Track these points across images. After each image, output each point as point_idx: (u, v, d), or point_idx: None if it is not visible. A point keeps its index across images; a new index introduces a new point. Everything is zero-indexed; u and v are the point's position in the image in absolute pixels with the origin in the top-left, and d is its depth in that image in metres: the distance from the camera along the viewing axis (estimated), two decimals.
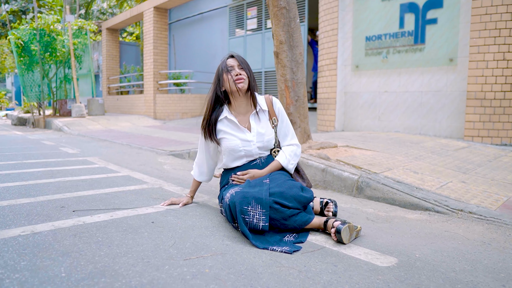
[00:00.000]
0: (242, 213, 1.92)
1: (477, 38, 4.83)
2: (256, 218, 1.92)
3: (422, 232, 2.20)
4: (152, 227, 2.09)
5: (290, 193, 2.03)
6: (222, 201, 2.21)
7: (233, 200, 1.97)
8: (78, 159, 4.72)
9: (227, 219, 2.17)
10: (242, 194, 1.98)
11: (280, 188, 2.06)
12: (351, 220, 2.42)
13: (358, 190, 2.92)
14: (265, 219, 1.92)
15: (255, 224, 1.91)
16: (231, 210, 2.00)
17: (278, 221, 1.97)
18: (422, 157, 3.76)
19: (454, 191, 2.77)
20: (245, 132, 2.36)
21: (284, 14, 3.53)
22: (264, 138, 2.38)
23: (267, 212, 1.93)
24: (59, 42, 11.33)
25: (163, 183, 3.31)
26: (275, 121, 2.46)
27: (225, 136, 2.36)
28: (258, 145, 2.36)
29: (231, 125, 2.38)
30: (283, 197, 2.00)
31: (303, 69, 3.68)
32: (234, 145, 2.33)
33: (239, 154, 2.35)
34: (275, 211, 1.96)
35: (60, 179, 3.35)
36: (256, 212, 1.92)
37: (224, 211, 2.15)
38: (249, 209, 1.93)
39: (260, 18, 10.34)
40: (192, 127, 9.37)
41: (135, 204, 2.56)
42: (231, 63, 2.34)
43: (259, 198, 1.95)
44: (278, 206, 1.96)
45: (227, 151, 2.37)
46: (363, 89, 6.23)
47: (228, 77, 2.31)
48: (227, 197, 2.04)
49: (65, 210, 2.37)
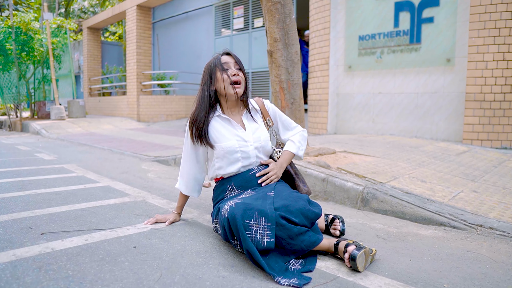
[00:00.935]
0: (245, 228, 1.64)
1: (476, 37, 4.64)
2: (259, 234, 1.63)
3: (442, 252, 1.94)
4: (134, 253, 1.78)
5: (297, 206, 1.76)
6: (218, 216, 1.91)
7: (233, 213, 1.68)
8: (54, 166, 4.34)
9: (223, 237, 1.88)
10: (243, 205, 1.69)
11: (285, 200, 1.80)
12: (359, 238, 2.16)
13: (363, 202, 2.66)
14: (270, 234, 1.64)
15: (259, 240, 1.62)
16: (230, 225, 1.71)
17: (283, 240, 1.69)
18: (425, 163, 3.53)
19: (468, 202, 2.54)
20: (240, 131, 2.08)
21: (279, 10, 3.26)
22: (261, 138, 2.11)
23: (273, 226, 1.65)
24: (37, 41, 10.81)
25: (146, 195, 2.99)
26: (269, 121, 2.22)
27: (219, 137, 2.06)
28: (256, 145, 2.08)
29: (224, 124, 2.10)
30: (288, 211, 1.73)
31: (299, 69, 3.41)
32: (230, 146, 2.04)
33: (235, 156, 2.05)
34: (281, 227, 1.68)
35: (30, 192, 3.00)
36: (259, 227, 1.64)
37: (221, 227, 1.85)
38: (251, 223, 1.64)
39: (247, 17, 10.05)
40: (177, 130, 9.02)
41: (114, 223, 2.24)
42: (226, 59, 2.06)
43: (264, 210, 1.67)
44: (284, 222, 1.69)
45: (221, 154, 2.06)
46: (357, 90, 6.01)
47: (224, 76, 2.02)
48: (225, 210, 1.75)
49: (32, 233, 2.03)
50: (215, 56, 2.08)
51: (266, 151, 2.15)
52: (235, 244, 1.78)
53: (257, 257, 1.59)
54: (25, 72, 11.44)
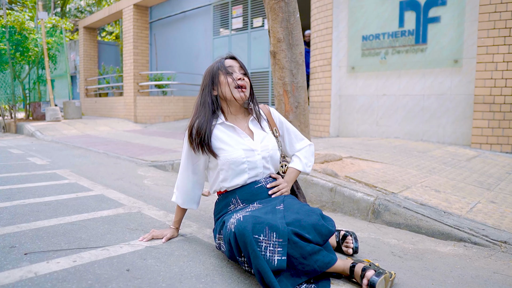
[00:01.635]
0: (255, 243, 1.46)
1: (485, 37, 4.48)
2: (269, 251, 1.45)
3: (467, 274, 1.77)
4: (126, 278, 1.59)
5: (310, 221, 1.59)
6: (223, 230, 1.72)
7: (242, 227, 1.49)
8: (46, 172, 4.15)
9: (228, 255, 1.69)
10: (253, 219, 1.52)
11: (297, 214, 1.63)
12: (373, 255, 1.98)
13: (374, 214, 2.48)
14: (282, 252, 1.46)
15: (269, 258, 1.44)
16: (237, 241, 1.53)
17: (295, 260, 1.50)
18: (436, 170, 3.36)
19: (488, 215, 2.36)
20: (246, 140, 1.90)
21: (283, 8, 3.07)
22: (269, 146, 1.93)
23: (284, 243, 1.47)
24: (32, 41, 10.59)
25: (142, 206, 2.80)
26: (276, 132, 2.04)
27: (223, 147, 1.87)
28: (263, 155, 1.90)
29: (229, 132, 1.91)
30: (301, 227, 1.55)
31: (303, 71, 3.23)
32: (236, 156, 1.85)
33: (241, 167, 1.86)
34: (293, 245, 1.50)
35: (18, 202, 2.80)
36: (270, 243, 1.46)
37: (226, 243, 1.66)
38: (261, 238, 1.46)
39: (246, 16, 9.87)
40: (175, 131, 8.82)
41: (106, 240, 2.05)
42: (231, 63, 1.88)
43: (275, 225, 1.50)
44: (297, 239, 1.51)
45: (226, 165, 1.86)
46: (360, 92, 5.83)
47: (228, 80, 1.85)
48: (231, 223, 1.56)
49: (14, 253, 1.84)
50: (218, 60, 1.91)
51: (274, 162, 1.96)
52: (241, 261, 1.60)
53: (269, 277, 1.41)
54: (19, 72, 11.22)
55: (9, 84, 10.93)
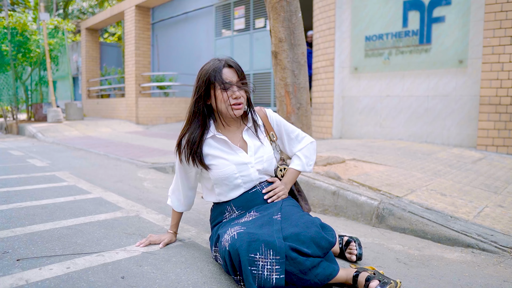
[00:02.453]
0: (250, 264, 1.39)
1: (491, 37, 4.40)
2: (267, 270, 1.39)
3: (476, 283, 1.69)
4: (121, 286, 1.53)
5: (309, 234, 1.50)
6: (218, 245, 1.64)
7: (236, 246, 1.43)
8: (45, 174, 4.10)
9: (224, 269, 1.62)
10: (248, 236, 1.44)
11: (295, 228, 1.54)
12: (378, 262, 1.91)
13: (378, 218, 2.41)
14: (279, 270, 1.39)
15: (266, 278, 1.38)
16: (232, 259, 1.46)
17: (294, 276, 1.43)
18: (441, 173, 3.28)
19: (496, 220, 2.29)
20: (239, 153, 1.81)
21: (284, 7, 3.01)
22: (263, 157, 1.84)
23: (282, 260, 1.40)
24: (33, 42, 10.58)
25: (141, 209, 2.74)
26: (273, 136, 1.95)
27: (214, 162, 1.79)
28: (258, 168, 1.82)
29: (220, 146, 1.81)
30: (300, 241, 1.47)
31: (305, 72, 3.17)
32: (229, 173, 1.77)
33: (235, 182, 1.79)
34: (291, 261, 1.42)
35: (14, 206, 2.75)
36: (267, 261, 1.39)
37: (221, 259, 1.60)
38: (257, 257, 1.40)
39: (248, 17, 9.81)
40: (176, 133, 8.77)
41: (102, 245, 1.99)
42: (229, 76, 1.73)
43: (271, 242, 1.42)
44: (295, 254, 1.43)
45: (219, 181, 1.80)
46: (363, 93, 5.76)
47: (223, 96, 1.72)
48: (225, 240, 1.50)
49: (6, 258, 1.78)
50: (216, 66, 1.74)
51: (268, 172, 1.90)
52: (237, 280, 1.54)
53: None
54: (21, 73, 11.21)
55: (11, 85, 10.92)
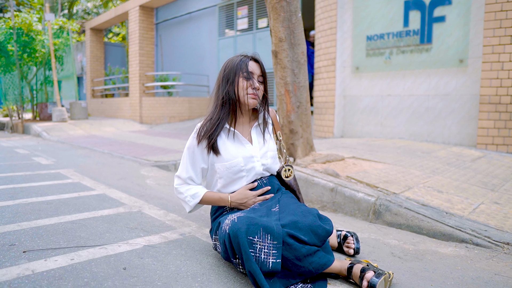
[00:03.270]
0: (248, 245, 1.45)
1: (491, 37, 4.42)
2: (264, 253, 1.45)
3: (467, 276, 1.74)
4: (122, 277, 1.59)
5: (306, 222, 1.57)
6: (218, 231, 1.71)
7: (236, 228, 1.48)
8: (50, 172, 4.17)
9: (223, 256, 1.69)
10: (247, 220, 1.50)
11: (293, 216, 1.61)
12: (373, 256, 1.96)
13: (375, 214, 2.45)
14: (276, 254, 1.45)
15: (263, 261, 1.44)
16: (231, 242, 1.52)
17: (289, 261, 1.50)
18: (440, 171, 3.32)
19: (491, 216, 2.33)
20: (247, 146, 1.88)
21: (284, 7, 3.06)
22: (268, 154, 1.92)
23: (279, 245, 1.46)
24: (39, 42, 10.69)
25: (143, 205, 2.80)
26: (279, 135, 2.06)
27: (223, 153, 1.85)
28: (263, 162, 1.89)
29: (231, 138, 1.88)
30: (297, 228, 1.54)
31: (305, 71, 3.22)
32: (236, 164, 1.83)
33: (239, 175, 1.86)
34: (288, 247, 1.49)
35: (21, 201, 2.82)
36: (264, 245, 1.45)
37: (221, 244, 1.66)
38: (255, 240, 1.45)
39: (251, 17, 9.87)
40: (180, 132, 8.85)
41: (105, 239, 2.05)
42: (253, 68, 1.85)
43: (269, 227, 1.49)
44: (292, 241, 1.50)
45: (225, 173, 1.86)
46: (364, 93, 5.80)
47: (244, 84, 1.82)
48: (226, 224, 1.56)
49: (13, 250, 1.85)
50: (243, 58, 1.85)
51: (271, 170, 1.96)
52: (236, 263, 1.60)
53: (261, 280, 1.41)
54: (27, 73, 11.33)
55: (16, 85, 11.04)
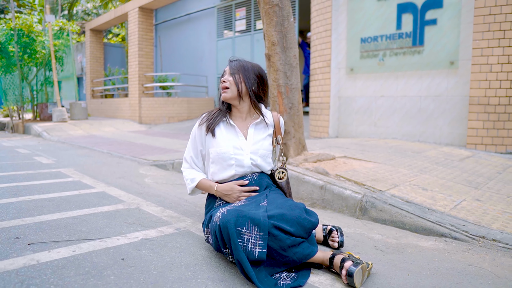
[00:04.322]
0: (237, 235, 1.59)
1: (480, 40, 4.55)
2: (251, 243, 1.58)
3: (442, 267, 1.86)
4: (121, 266, 1.71)
5: (292, 215, 1.71)
6: (210, 224, 1.85)
7: (225, 220, 1.62)
8: (51, 171, 4.30)
9: (215, 247, 1.82)
10: (236, 212, 1.64)
11: (280, 209, 1.74)
12: (357, 249, 2.09)
13: (362, 211, 2.58)
14: (262, 245, 1.59)
15: (250, 250, 1.57)
16: (221, 233, 1.65)
17: (274, 251, 1.63)
18: (427, 170, 3.45)
19: (471, 212, 2.46)
20: (240, 138, 2.06)
21: (277, 12, 3.19)
22: (259, 151, 2.07)
23: (265, 236, 1.59)
24: (39, 43, 10.81)
25: (141, 202, 2.93)
26: (279, 139, 2.20)
27: (218, 138, 2.06)
28: (252, 157, 2.04)
29: (228, 129, 2.10)
30: (284, 220, 1.67)
31: (297, 73, 3.34)
32: (225, 152, 2.03)
33: (229, 162, 2.03)
34: (273, 238, 1.62)
35: (23, 198, 2.95)
36: (251, 236, 1.59)
37: (212, 236, 1.79)
38: (243, 231, 1.59)
39: (249, 19, 10.00)
40: (178, 132, 8.97)
41: (105, 233, 2.18)
42: (225, 69, 2.12)
43: (257, 219, 1.62)
44: (278, 232, 1.63)
45: (216, 158, 2.05)
46: (359, 94, 5.92)
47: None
48: (217, 217, 1.69)
49: (19, 243, 1.98)
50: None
51: (261, 168, 2.10)
52: (226, 253, 1.73)
53: (247, 268, 1.54)
54: (27, 74, 11.44)
55: (17, 85, 11.15)
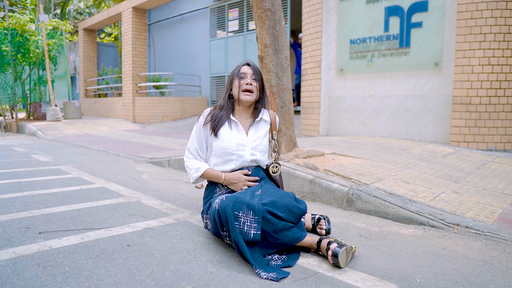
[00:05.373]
0: (234, 219, 1.78)
1: (462, 42, 4.78)
2: (247, 226, 1.78)
3: (419, 250, 2.06)
4: (127, 251, 1.88)
5: (283, 202, 1.91)
6: (209, 211, 2.05)
7: (224, 205, 1.82)
8: (50, 168, 4.43)
9: (213, 231, 2.01)
10: (234, 198, 1.84)
11: (272, 197, 1.95)
12: (343, 236, 2.27)
13: (348, 202, 2.77)
14: (257, 227, 1.78)
15: (246, 232, 1.77)
16: (220, 217, 1.84)
17: (268, 234, 1.83)
18: (411, 165, 3.66)
19: (448, 203, 2.66)
20: (242, 135, 2.26)
21: (269, 16, 3.37)
22: (258, 147, 2.28)
23: (259, 220, 1.79)
24: (33, 42, 10.87)
25: (141, 196, 3.09)
26: (274, 135, 2.40)
27: (222, 135, 2.24)
28: (252, 152, 2.25)
29: (232, 125, 2.28)
30: (275, 207, 1.87)
31: (288, 74, 3.53)
32: (228, 147, 2.22)
33: (230, 157, 2.23)
34: (266, 221, 1.82)
35: (28, 193, 3.09)
36: (247, 219, 1.79)
37: (211, 221, 1.98)
38: (239, 215, 1.79)
39: (242, 19, 10.17)
40: (172, 131, 9.11)
41: (109, 223, 2.34)
42: (245, 70, 2.27)
43: (252, 204, 1.82)
44: (271, 216, 1.83)
45: (219, 152, 2.24)
46: (348, 93, 6.13)
47: (238, 83, 2.23)
48: (216, 203, 1.88)
49: (30, 232, 2.13)
50: (239, 65, 2.31)
51: (259, 163, 2.30)
52: (224, 235, 1.91)
53: (243, 247, 1.73)
54: (20, 73, 11.49)
55: (10, 84, 11.20)
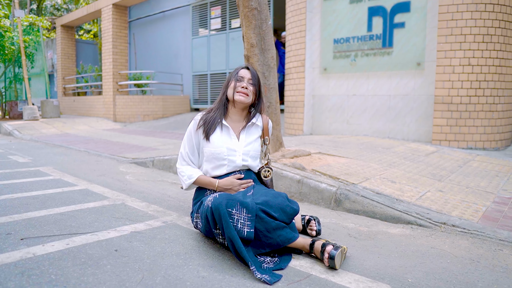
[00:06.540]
0: (228, 215, 1.76)
1: (443, 43, 4.87)
2: (240, 223, 1.76)
3: (409, 250, 2.08)
4: (115, 257, 1.83)
5: (276, 202, 1.91)
6: (200, 209, 2.03)
7: (217, 202, 1.80)
8: (29, 169, 4.29)
9: (204, 231, 1.99)
10: (227, 196, 1.83)
11: (265, 197, 1.94)
12: (332, 237, 2.28)
13: (336, 202, 2.78)
14: (250, 225, 1.77)
15: (240, 229, 1.75)
16: (213, 214, 1.82)
17: (261, 232, 1.81)
18: (396, 164, 3.70)
19: (434, 201, 2.70)
20: (233, 140, 2.23)
21: (256, 16, 3.34)
22: (250, 152, 2.25)
23: (253, 218, 1.78)
24: (8, 39, 10.53)
25: (126, 198, 3.02)
26: (266, 140, 2.38)
27: (213, 140, 2.20)
28: (243, 157, 2.22)
29: (223, 130, 2.24)
30: (268, 206, 1.87)
31: (275, 74, 3.51)
32: (220, 152, 2.18)
33: (222, 162, 2.20)
34: (260, 220, 1.81)
35: (7, 197, 2.98)
36: (241, 217, 1.77)
37: (203, 219, 1.95)
38: (233, 212, 1.77)
39: (225, 17, 10.10)
40: (154, 130, 8.98)
41: (95, 227, 2.27)
42: (243, 73, 2.25)
43: (245, 202, 1.81)
44: (264, 215, 1.82)
45: (210, 157, 2.21)
46: (332, 92, 6.17)
47: (236, 84, 2.21)
48: (208, 201, 1.86)
49: (11, 238, 2.05)
50: (237, 68, 2.29)
51: (250, 167, 2.27)
52: (217, 233, 1.89)
53: (238, 244, 1.71)
54: None
55: None
